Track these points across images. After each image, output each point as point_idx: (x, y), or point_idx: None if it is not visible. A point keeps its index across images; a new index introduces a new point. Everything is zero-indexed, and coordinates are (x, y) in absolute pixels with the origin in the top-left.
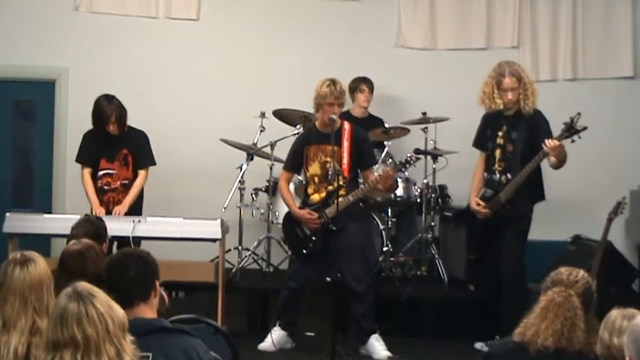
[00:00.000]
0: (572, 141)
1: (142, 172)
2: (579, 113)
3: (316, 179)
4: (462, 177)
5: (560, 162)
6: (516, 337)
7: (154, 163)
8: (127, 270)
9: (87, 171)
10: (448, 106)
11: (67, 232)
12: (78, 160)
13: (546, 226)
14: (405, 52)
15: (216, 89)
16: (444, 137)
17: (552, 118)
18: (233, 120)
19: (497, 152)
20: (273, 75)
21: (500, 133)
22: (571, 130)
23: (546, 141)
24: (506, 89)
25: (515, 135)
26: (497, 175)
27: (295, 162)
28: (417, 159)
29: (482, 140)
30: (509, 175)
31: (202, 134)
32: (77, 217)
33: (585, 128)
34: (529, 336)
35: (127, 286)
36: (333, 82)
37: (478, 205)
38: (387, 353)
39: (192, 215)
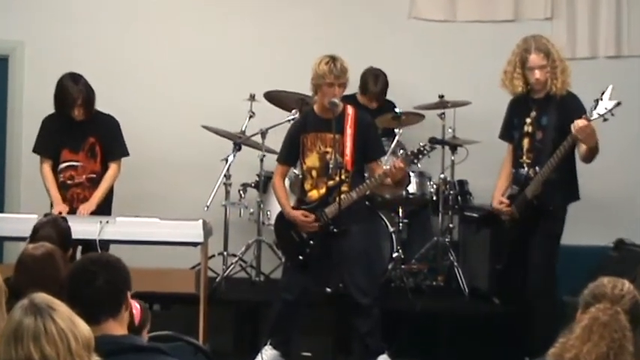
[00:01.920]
0: (605, 119)
1: (112, 165)
2: (612, 87)
3: (314, 173)
4: (486, 171)
5: (590, 151)
6: (550, 358)
7: (127, 154)
8: (94, 279)
9: (47, 163)
10: (469, 89)
11: (23, 234)
12: (36, 150)
13: (583, 228)
14: (419, 24)
15: (198, 67)
16: (465, 124)
17: (590, 101)
18: (217, 104)
19: (525, 142)
20: (265, 51)
21: (528, 120)
22: (602, 106)
23: (575, 122)
24: (532, 67)
25: (546, 120)
26: (525, 169)
27: (291, 153)
28: (433, 149)
29: (509, 130)
30: (538, 169)
31: (181, 120)
32: (34, 217)
33: (619, 104)
34: (567, 359)
35: (93, 298)
36: (333, 59)
37: (501, 203)
38: None
39: (170, 215)
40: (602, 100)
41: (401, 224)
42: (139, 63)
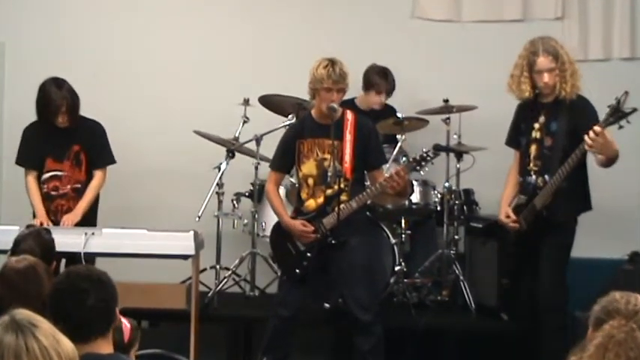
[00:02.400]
0: (620, 127)
1: (98, 173)
2: (627, 92)
3: (311, 181)
4: (493, 179)
5: (608, 159)
6: None
7: (113, 161)
8: (86, 298)
9: (32, 175)
10: (475, 93)
11: (4, 247)
12: (19, 162)
13: (595, 240)
14: (422, 24)
15: (189, 70)
16: (471, 130)
17: (603, 106)
18: (209, 108)
19: (533, 148)
20: (260, 53)
21: (536, 125)
22: (617, 113)
23: (589, 134)
24: (540, 71)
25: (555, 126)
26: (533, 177)
27: (285, 160)
28: (437, 156)
29: (516, 136)
30: (547, 177)
31: (171, 126)
32: (15, 229)
33: (635, 110)
34: None
35: (85, 318)
36: (332, 62)
37: (507, 216)
38: None
39: (159, 226)
40: (618, 106)
41: (403, 236)
42: (126, 66)
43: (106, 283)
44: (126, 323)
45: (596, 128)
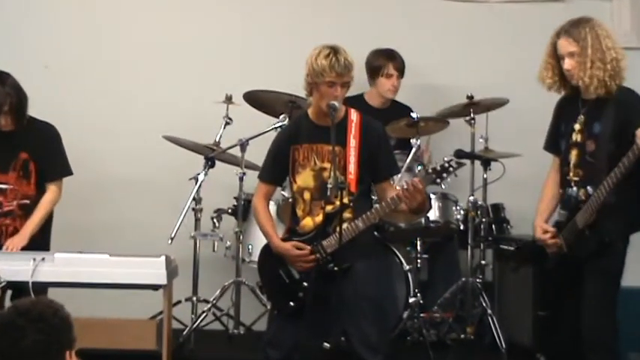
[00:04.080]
0: None
1: (50, 187)
2: None
3: (307, 195)
4: (528, 192)
5: None
6: None
7: (69, 173)
8: (21, 338)
9: None
10: (507, 87)
11: None
12: None
13: None
14: (443, 5)
15: (159, 62)
16: (500, 133)
17: None
18: (184, 108)
19: (573, 154)
20: (245, 40)
21: (576, 126)
22: None
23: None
24: (561, 55)
25: (599, 128)
26: (574, 189)
27: (276, 169)
28: (460, 165)
29: (556, 139)
30: (590, 189)
31: (138, 129)
32: None
33: None
34: None
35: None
36: (334, 51)
37: (545, 232)
38: None
39: (123, 250)
40: None
41: (419, 261)
42: (85, 57)
43: (48, 320)
44: None
45: None
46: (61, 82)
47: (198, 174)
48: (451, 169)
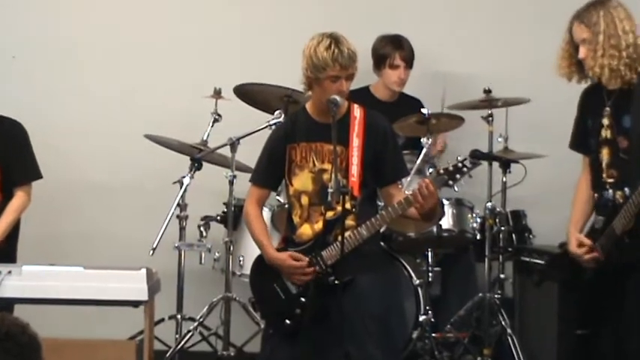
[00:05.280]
0: None
1: (17, 192)
2: None
3: (305, 200)
4: (552, 198)
5: None
6: None
7: (39, 176)
8: None
9: None
10: (528, 80)
11: None
12: None
13: None
14: None
15: (141, 54)
16: (522, 131)
17: None
18: (167, 104)
19: (604, 152)
20: (235, 29)
21: (604, 121)
22: None
23: None
24: (576, 42)
25: (629, 121)
26: (610, 192)
27: (271, 172)
28: (476, 166)
29: (583, 137)
30: (627, 190)
31: (116, 128)
32: None
33: None
34: None
35: None
36: (335, 40)
37: (581, 245)
38: None
39: (99, 262)
40: None
41: (431, 274)
42: (59, 49)
43: (17, 339)
44: None
45: None
46: (29, 75)
47: (184, 177)
48: (465, 169)
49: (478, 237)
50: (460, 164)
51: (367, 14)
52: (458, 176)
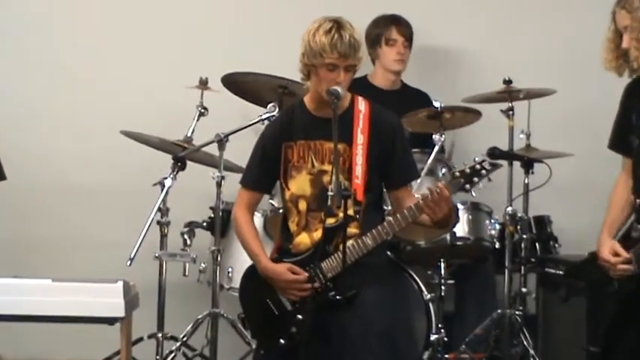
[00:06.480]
0: None
1: None
2: None
3: (303, 205)
4: (580, 202)
5: None
6: None
7: (2, 177)
8: None
9: None
10: (554, 69)
11: None
12: None
13: None
14: None
15: (116, 40)
16: (546, 127)
17: None
18: (147, 95)
19: None
20: (224, 12)
21: None
22: None
23: None
24: (621, 30)
25: None
26: None
27: (264, 173)
28: (495, 167)
29: (625, 134)
30: None
31: (90, 124)
32: None
33: None
34: None
35: None
36: (338, 25)
37: (615, 255)
38: None
39: (71, 274)
40: None
41: (444, 287)
42: (24, 34)
43: None
44: None
45: None
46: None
47: (165, 178)
48: (484, 171)
49: (497, 246)
50: (478, 166)
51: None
52: (475, 179)
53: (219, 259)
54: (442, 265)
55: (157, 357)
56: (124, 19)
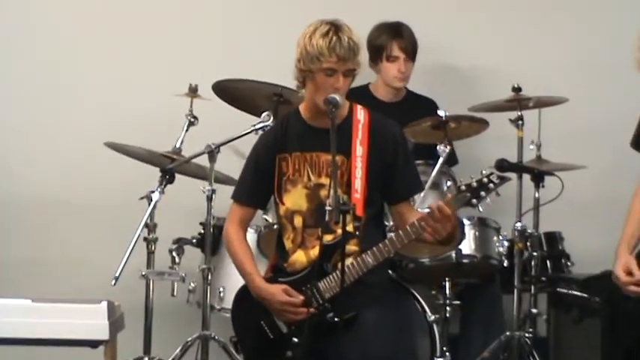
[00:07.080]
0: None
1: None
2: None
3: (299, 221)
4: (593, 217)
5: None
6: None
7: None
8: None
9: None
10: (565, 77)
11: None
12: None
13: None
14: None
15: (100, 44)
16: (557, 137)
17: None
18: (133, 104)
19: None
20: (215, 16)
21: None
22: None
23: None
24: None
25: None
26: None
27: (257, 187)
28: (504, 181)
29: None
30: None
31: (72, 134)
32: None
33: None
34: None
35: None
36: (336, 28)
37: (629, 273)
38: None
39: (52, 294)
40: None
41: (448, 308)
42: (3, 45)
43: None
44: None
45: None
46: None
47: (152, 192)
48: (492, 185)
49: (505, 264)
50: (485, 179)
51: (369, 0)
52: (483, 193)
53: (209, 278)
54: (447, 284)
55: None
56: (108, 23)
